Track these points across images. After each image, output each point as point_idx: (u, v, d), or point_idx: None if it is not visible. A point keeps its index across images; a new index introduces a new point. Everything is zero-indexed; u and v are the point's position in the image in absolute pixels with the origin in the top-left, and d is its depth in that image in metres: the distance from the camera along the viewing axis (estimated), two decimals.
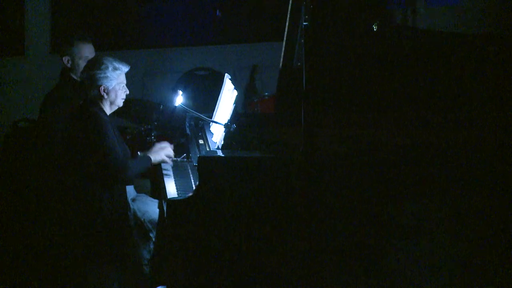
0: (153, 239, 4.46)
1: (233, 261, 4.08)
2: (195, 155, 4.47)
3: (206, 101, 5.72)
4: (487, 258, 4.43)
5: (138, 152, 4.69)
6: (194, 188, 4.20)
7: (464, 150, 4.33)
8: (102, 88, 4.40)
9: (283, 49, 4.66)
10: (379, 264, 4.28)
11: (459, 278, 4.44)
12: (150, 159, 4.52)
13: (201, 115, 4.64)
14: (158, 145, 4.66)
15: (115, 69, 4.41)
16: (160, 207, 4.50)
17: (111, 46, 7.35)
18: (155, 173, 4.84)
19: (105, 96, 4.43)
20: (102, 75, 4.39)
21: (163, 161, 4.61)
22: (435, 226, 4.39)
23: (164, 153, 4.59)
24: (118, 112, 4.67)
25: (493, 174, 4.34)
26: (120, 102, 4.49)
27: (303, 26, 4.15)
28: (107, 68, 4.39)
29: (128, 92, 4.51)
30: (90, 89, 4.42)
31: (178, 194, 4.34)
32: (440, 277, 4.42)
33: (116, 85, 4.43)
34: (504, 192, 4.38)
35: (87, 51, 4.95)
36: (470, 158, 4.32)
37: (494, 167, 4.34)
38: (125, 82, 4.48)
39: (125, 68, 4.46)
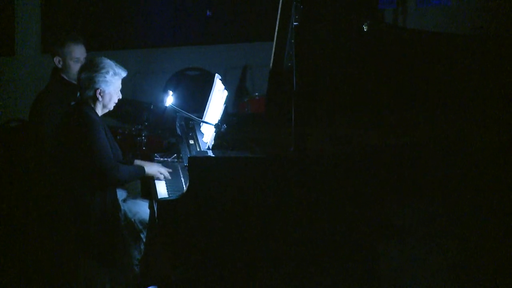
0: (144, 240, 4.46)
1: (224, 261, 4.08)
2: (185, 155, 4.47)
3: (197, 101, 5.72)
4: (481, 258, 4.45)
5: (136, 160, 4.72)
6: (184, 188, 4.20)
7: (456, 150, 4.34)
8: (99, 91, 4.39)
9: (274, 49, 4.66)
10: (373, 264, 4.29)
11: (453, 279, 4.46)
12: (144, 169, 4.54)
13: (191, 115, 4.64)
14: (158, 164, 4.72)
15: (115, 74, 4.41)
16: (151, 207, 4.50)
17: (102, 46, 7.33)
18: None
19: (100, 99, 4.42)
20: (101, 78, 4.38)
21: (156, 176, 4.60)
22: (429, 227, 4.40)
23: (159, 169, 4.59)
24: (108, 113, 4.66)
25: (487, 174, 4.36)
26: (111, 106, 4.49)
27: (293, 26, 4.17)
28: (107, 72, 4.38)
29: (121, 97, 4.51)
30: (86, 89, 4.41)
31: (168, 194, 4.34)
32: (434, 278, 4.43)
33: (112, 89, 4.43)
34: (500, 192, 4.39)
35: (78, 52, 4.95)
36: (463, 159, 4.33)
37: (487, 167, 4.36)
38: (120, 87, 4.48)
39: (123, 74, 4.47)
